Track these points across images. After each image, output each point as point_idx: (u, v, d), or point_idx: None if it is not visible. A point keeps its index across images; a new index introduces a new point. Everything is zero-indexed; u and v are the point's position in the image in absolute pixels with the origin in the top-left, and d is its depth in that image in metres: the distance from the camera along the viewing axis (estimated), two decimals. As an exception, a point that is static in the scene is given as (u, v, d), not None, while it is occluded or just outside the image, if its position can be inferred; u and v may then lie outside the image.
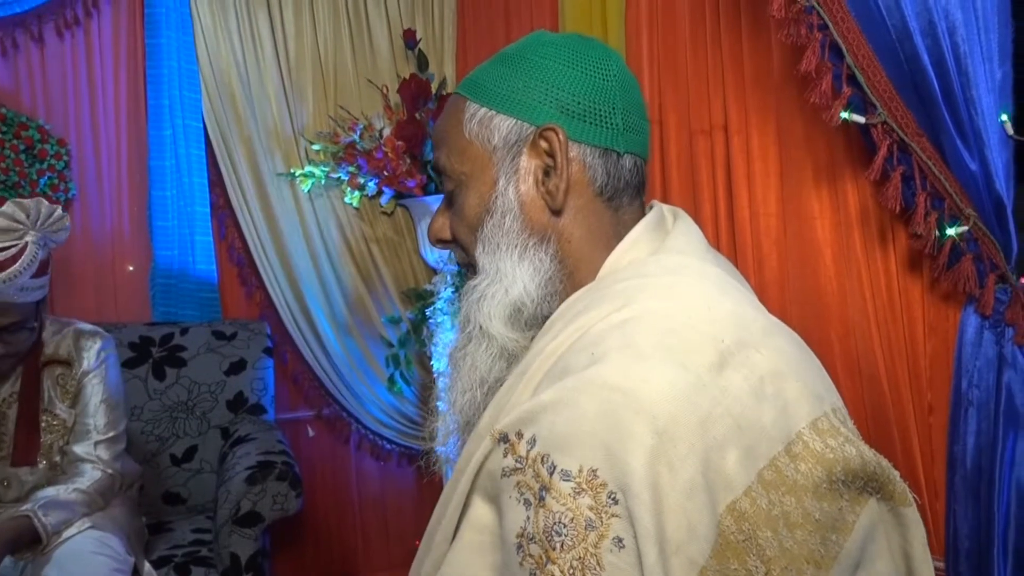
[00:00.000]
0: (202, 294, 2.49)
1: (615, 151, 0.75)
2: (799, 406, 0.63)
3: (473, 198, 0.76)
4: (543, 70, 0.74)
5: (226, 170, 2.49)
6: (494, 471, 0.61)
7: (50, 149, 2.36)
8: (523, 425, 0.60)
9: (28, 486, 1.75)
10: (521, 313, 0.74)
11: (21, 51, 2.37)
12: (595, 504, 0.56)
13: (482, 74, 0.78)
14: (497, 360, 0.74)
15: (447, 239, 0.81)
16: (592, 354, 0.62)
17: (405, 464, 2.77)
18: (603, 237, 0.75)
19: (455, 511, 0.64)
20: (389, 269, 2.64)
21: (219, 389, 2.33)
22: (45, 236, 1.65)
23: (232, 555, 1.82)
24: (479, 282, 0.75)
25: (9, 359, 1.68)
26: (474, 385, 0.75)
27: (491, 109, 0.75)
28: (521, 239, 0.74)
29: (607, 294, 0.69)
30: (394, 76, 2.58)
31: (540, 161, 0.74)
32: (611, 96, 0.74)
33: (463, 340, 0.77)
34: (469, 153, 0.76)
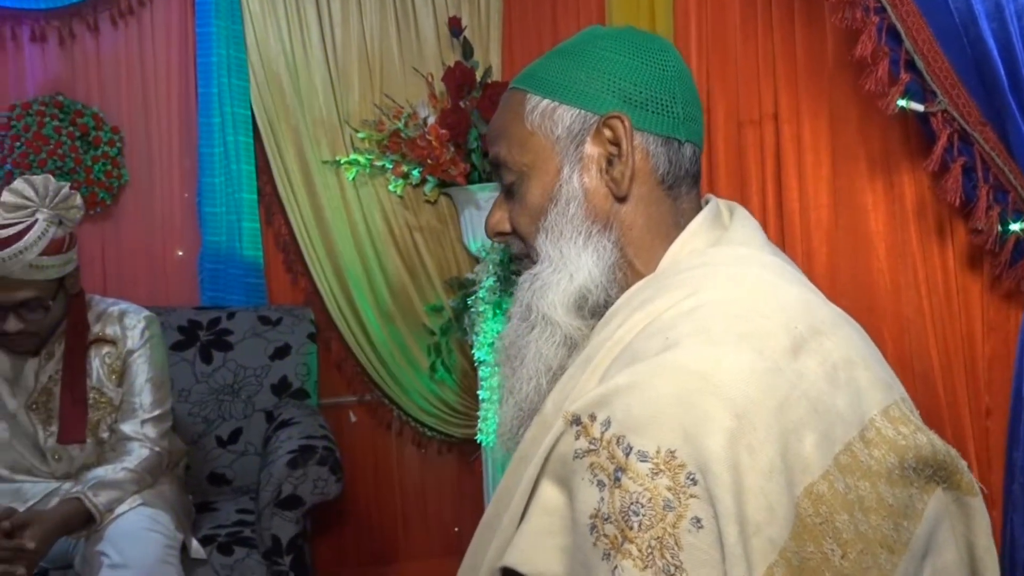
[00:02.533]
0: (249, 279, 2.53)
1: (676, 139, 0.75)
2: (871, 393, 0.65)
3: (536, 188, 0.77)
4: (604, 61, 0.75)
5: (273, 157, 2.52)
6: (565, 454, 0.62)
7: (104, 136, 2.42)
8: (596, 408, 0.61)
9: (77, 462, 1.80)
10: (586, 300, 0.75)
11: (78, 41, 2.43)
12: (673, 485, 0.57)
13: (541, 67, 0.79)
14: (561, 348, 0.75)
15: (506, 231, 0.82)
16: (666, 339, 0.63)
17: (446, 452, 2.78)
18: (663, 226, 0.76)
19: (523, 495, 0.65)
20: (432, 257, 2.64)
21: (264, 373, 2.37)
22: (58, 214, 1.65)
23: (273, 537, 1.85)
24: (540, 270, 0.76)
25: (30, 337, 1.70)
26: (539, 372, 0.76)
27: (553, 100, 0.76)
28: (585, 226, 0.75)
29: (673, 282, 0.70)
30: (439, 64, 2.57)
31: (604, 150, 0.75)
32: (671, 86, 0.76)
33: (524, 328, 0.77)
34: (531, 144, 0.77)
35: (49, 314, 1.68)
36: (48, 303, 1.67)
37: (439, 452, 2.77)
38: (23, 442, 1.77)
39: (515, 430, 0.78)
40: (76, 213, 1.70)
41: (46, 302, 1.66)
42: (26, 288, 1.62)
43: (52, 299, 1.68)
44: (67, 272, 1.71)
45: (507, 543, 0.65)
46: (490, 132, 0.83)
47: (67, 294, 1.74)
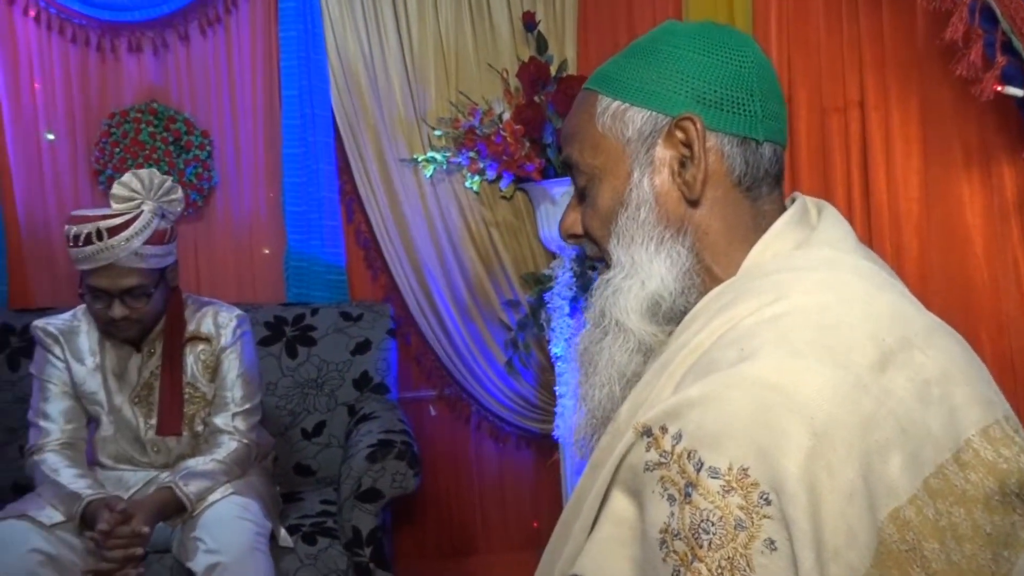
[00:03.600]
0: (331, 276, 2.61)
1: (754, 139, 0.72)
2: (968, 411, 0.61)
3: (607, 191, 0.76)
4: (677, 59, 0.73)
5: (353, 157, 2.58)
6: (636, 465, 0.61)
7: (195, 140, 2.53)
8: (668, 419, 0.60)
9: (175, 453, 1.90)
10: (659, 306, 0.73)
11: (170, 50, 2.54)
12: (746, 504, 0.55)
13: (613, 67, 0.77)
14: (635, 354, 0.74)
15: (579, 234, 0.80)
16: (742, 349, 0.61)
17: (523, 446, 2.79)
18: (742, 229, 0.73)
19: (594, 503, 0.64)
20: (508, 253, 2.65)
21: (346, 368, 2.43)
22: (160, 206, 1.76)
23: (354, 528, 1.90)
24: (613, 276, 0.75)
25: (133, 324, 1.79)
26: (612, 379, 0.74)
27: (624, 102, 0.74)
28: (657, 231, 0.73)
29: (754, 288, 0.67)
30: (514, 60, 2.57)
31: (676, 152, 0.73)
32: (748, 83, 0.73)
33: (598, 334, 0.76)
34: (602, 147, 0.75)
35: (151, 302, 1.78)
36: (151, 291, 1.77)
37: (517, 446, 2.79)
38: (126, 434, 1.88)
39: (588, 437, 0.77)
40: (177, 205, 1.81)
41: (149, 290, 1.76)
42: (131, 276, 1.72)
43: (154, 288, 1.78)
44: (168, 264, 1.81)
45: (578, 550, 0.65)
46: (563, 133, 0.81)
47: (167, 286, 1.84)
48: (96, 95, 2.52)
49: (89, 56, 2.51)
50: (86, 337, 1.87)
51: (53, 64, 2.49)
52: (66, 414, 1.84)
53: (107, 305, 1.74)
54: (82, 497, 1.69)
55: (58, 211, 2.50)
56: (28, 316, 2.32)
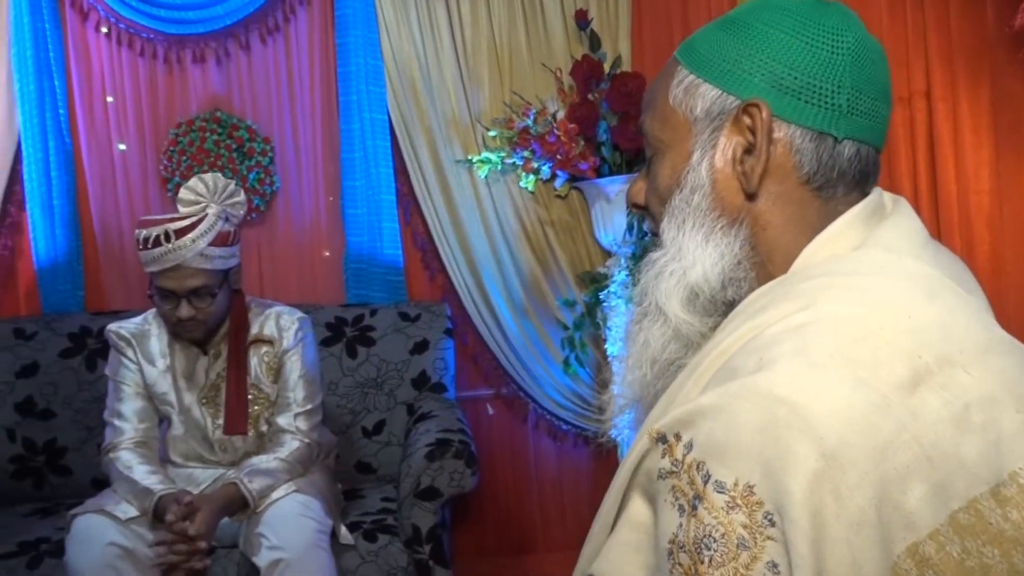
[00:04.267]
0: (389, 277, 2.65)
1: (831, 135, 0.66)
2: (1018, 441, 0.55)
3: (666, 168, 0.72)
4: (762, 38, 0.67)
5: (409, 159, 2.61)
6: (651, 471, 0.59)
7: (257, 147, 2.60)
8: (681, 427, 0.57)
9: (241, 452, 1.96)
10: (697, 298, 0.69)
11: (232, 59, 2.62)
12: (749, 523, 0.52)
13: (700, 37, 0.72)
14: (671, 341, 0.70)
15: (641, 204, 0.77)
16: (761, 359, 0.57)
17: (581, 445, 2.79)
18: (805, 228, 0.67)
19: (613, 504, 0.64)
20: (564, 252, 2.65)
21: (404, 368, 2.47)
22: (224, 209, 1.83)
23: (413, 526, 1.93)
24: (660, 256, 0.72)
25: (199, 324, 1.85)
26: (644, 363, 0.72)
27: (699, 76, 0.69)
28: (709, 219, 0.69)
29: (791, 292, 0.63)
30: (568, 58, 2.56)
31: (742, 138, 0.67)
32: (838, 72, 0.66)
33: (639, 314, 0.74)
34: (671, 120, 0.71)
35: (215, 303, 1.84)
36: (215, 291, 1.83)
37: (575, 445, 2.78)
38: (195, 434, 1.95)
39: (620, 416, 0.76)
40: (240, 208, 1.87)
41: (213, 290, 1.82)
42: (197, 276, 1.79)
43: (219, 288, 1.84)
44: (231, 266, 1.87)
45: (598, 550, 0.64)
46: (644, 97, 0.77)
47: (230, 288, 1.90)
48: (163, 106, 2.61)
49: (156, 68, 2.60)
50: (157, 340, 1.94)
51: (123, 77, 2.59)
52: (139, 414, 1.91)
53: (174, 306, 1.81)
54: (154, 492, 1.76)
55: (130, 218, 2.60)
56: (103, 319, 2.42)
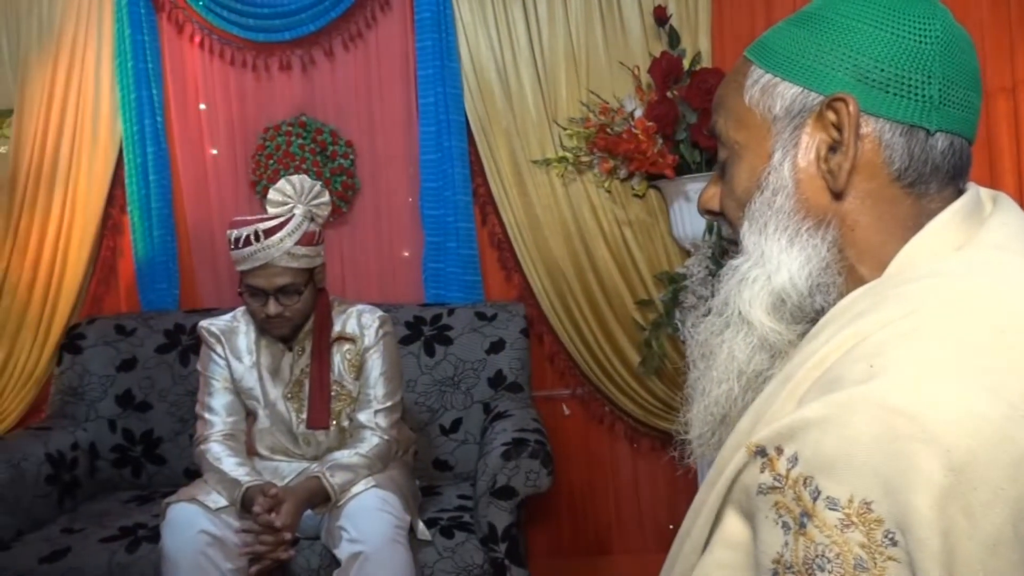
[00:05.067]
0: (466, 277, 2.67)
1: (923, 128, 0.63)
2: None
3: (744, 171, 0.70)
4: (842, 31, 0.64)
5: (486, 160, 2.63)
6: (749, 486, 0.56)
7: (340, 150, 2.67)
8: (783, 440, 0.54)
9: (324, 446, 2.01)
10: (784, 304, 0.67)
11: (316, 66, 2.70)
12: (867, 542, 0.49)
13: (772, 36, 0.70)
14: (757, 351, 0.68)
15: (715, 210, 0.75)
16: (871, 366, 0.54)
17: (659, 448, 2.74)
18: (898, 228, 0.64)
19: (706, 521, 0.61)
20: (641, 251, 2.62)
21: (481, 367, 2.49)
22: (310, 209, 1.89)
23: (489, 524, 1.94)
24: (741, 263, 0.69)
25: (285, 321, 1.91)
26: (731, 376, 0.69)
27: (776, 75, 0.67)
28: (793, 221, 0.66)
29: (894, 295, 0.59)
30: (646, 56, 2.53)
31: (826, 135, 0.65)
32: (927, 62, 0.63)
33: (720, 324, 0.71)
34: (747, 121, 0.69)
35: (301, 300, 1.90)
36: (301, 289, 1.89)
37: (652, 448, 2.74)
38: (280, 427, 2.01)
39: (707, 435, 0.73)
40: (325, 209, 1.93)
41: (300, 288, 1.89)
42: (284, 275, 1.85)
43: (304, 286, 1.90)
44: (316, 265, 1.93)
45: (689, 570, 0.62)
46: (715, 99, 0.75)
47: (315, 287, 1.96)
48: (252, 112, 2.71)
49: (246, 76, 2.71)
50: (244, 337, 2.02)
51: (215, 85, 2.71)
52: (228, 408, 1.99)
53: (263, 303, 1.88)
54: (241, 484, 1.82)
55: (220, 219, 2.72)
56: (196, 316, 2.54)
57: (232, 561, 1.78)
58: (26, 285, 2.63)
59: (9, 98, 2.63)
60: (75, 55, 2.61)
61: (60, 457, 2.32)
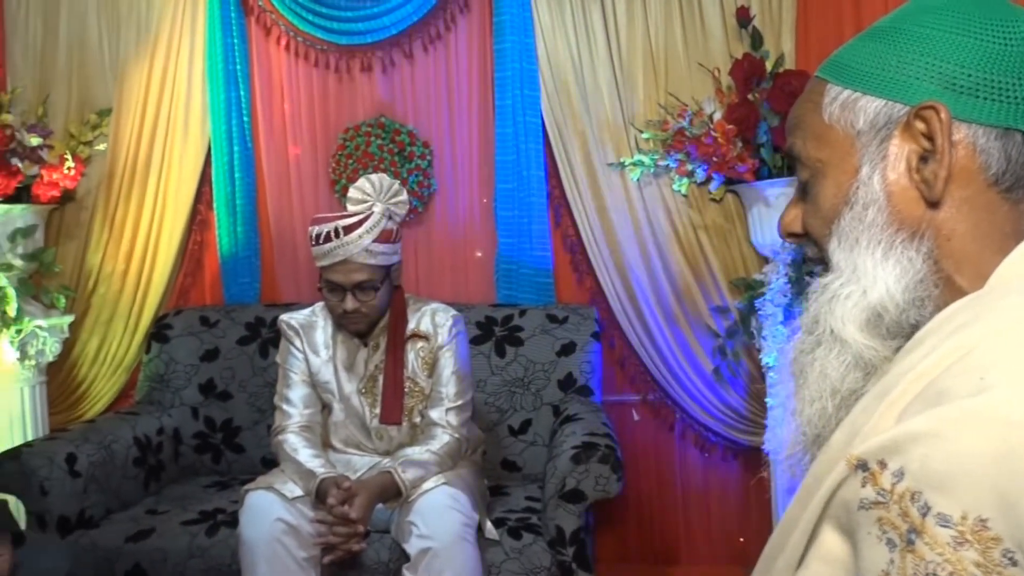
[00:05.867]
0: (538, 279, 2.68)
1: (1018, 131, 0.62)
2: None
3: (830, 188, 0.69)
4: (923, 40, 0.64)
5: (561, 162, 2.63)
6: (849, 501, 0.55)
7: (417, 151, 2.71)
8: (887, 454, 0.53)
9: (395, 441, 2.04)
10: (881, 319, 0.65)
11: (396, 68, 2.75)
12: (983, 561, 0.48)
13: (846, 52, 0.70)
14: (851, 369, 0.66)
15: (798, 232, 0.74)
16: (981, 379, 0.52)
17: (730, 458, 2.69)
18: (996, 236, 0.63)
19: (801, 537, 0.59)
20: (717, 257, 2.57)
21: (551, 369, 2.48)
22: (388, 207, 1.92)
23: (557, 527, 1.94)
24: (831, 280, 0.68)
25: (362, 317, 1.95)
26: (824, 395, 0.67)
27: (856, 90, 0.67)
28: (886, 234, 0.65)
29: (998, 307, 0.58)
30: (726, 58, 2.49)
31: (915, 145, 0.64)
32: (1014, 64, 0.62)
33: (811, 343, 0.70)
34: (828, 139, 0.69)
35: (377, 297, 1.94)
36: (378, 286, 1.93)
37: (723, 457, 2.69)
38: (354, 421, 2.05)
39: (800, 455, 0.71)
40: (402, 207, 1.97)
41: (376, 284, 1.93)
42: (362, 271, 1.89)
43: (381, 283, 1.94)
44: (393, 262, 1.97)
45: None
46: (788, 122, 0.75)
47: (391, 284, 1.99)
48: (333, 112, 2.78)
49: (328, 78, 2.78)
50: (322, 331, 2.07)
51: (299, 86, 2.79)
52: (305, 400, 2.04)
53: (340, 298, 1.92)
54: (317, 475, 1.87)
55: (300, 217, 2.79)
56: (275, 310, 2.62)
57: (306, 550, 1.83)
58: (119, 275, 2.77)
59: (109, 98, 2.77)
60: (169, 57, 2.73)
61: (147, 441, 2.42)
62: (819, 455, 0.63)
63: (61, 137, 2.74)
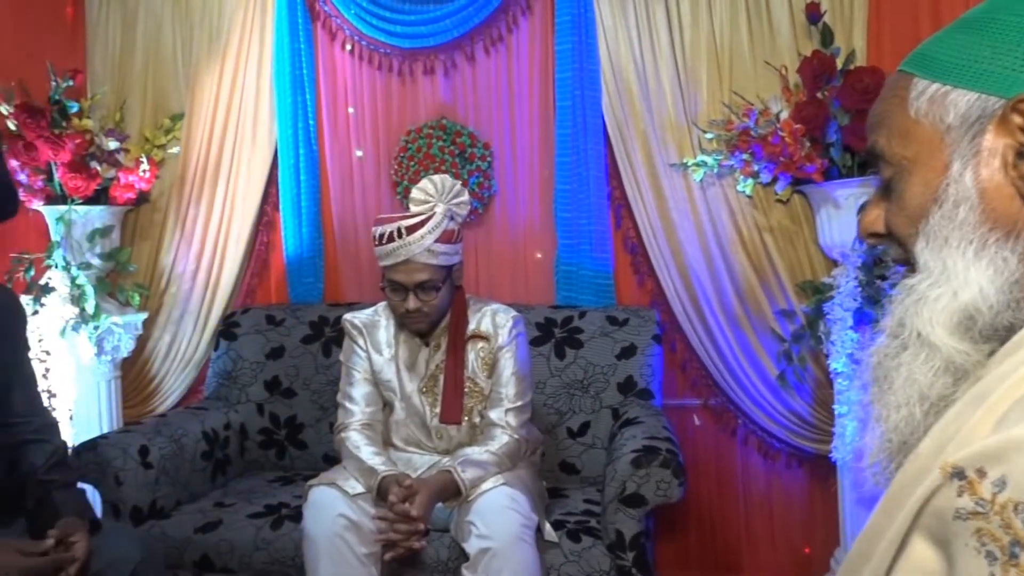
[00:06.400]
0: (598, 281, 2.66)
1: None
2: None
3: (917, 186, 0.67)
4: (1019, 30, 0.62)
5: (622, 163, 2.60)
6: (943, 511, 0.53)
7: (478, 152, 2.73)
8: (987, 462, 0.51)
9: (455, 441, 2.05)
10: (974, 321, 0.63)
11: (458, 70, 2.77)
12: None
13: (934, 45, 0.68)
14: (941, 375, 0.64)
15: (881, 232, 0.72)
16: None
17: (795, 466, 2.62)
18: None
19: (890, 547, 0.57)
20: (783, 260, 2.51)
21: (611, 371, 2.46)
22: (450, 208, 1.94)
23: (617, 531, 1.92)
24: (918, 281, 0.66)
25: (424, 317, 1.97)
26: (911, 400, 0.65)
27: (945, 84, 0.65)
28: (979, 233, 0.63)
29: None
30: (795, 55, 2.43)
31: (1011, 140, 0.62)
32: None
33: (896, 347, 0.67)
34: (915, 135, 0.67)
35: (439, 296, 1.96)
36: (439, 286, 1.95)
37: (787, 465, 2.62)
38: (414, 420, 2.07)
39: (884, 463, 0.68)
40: (464, 208, 1.99)
41: (438, 284, 1.94)
42: (424, 271, 1.92)
43: (442, 283, 1.96)
44: (454, 263, 1.98)
45: None
46: (869, 119, 0.73)
47: (452, 285, 2.01)
48: (396, 115, 2.82)
49: (392, 81, 2.81)
50: (384, 331, 2.09)
51: (363, 89, 2.83)
52: (367, 398, 2.07)
53: (403, 298, 1.94)
54: (378, 472, 1.89)
55: (363, 218, 2.84)
56: (338, 309, 2.66)
57: (367, 546, 1.85)
58: (190, 274, 2.85)
59: (181, 103, 2.86)
60: (239, 63, 2.81)
61: (214, 435, 2.49)
62: (906, 463, 0.61)
63: (137, 141, 2.84)
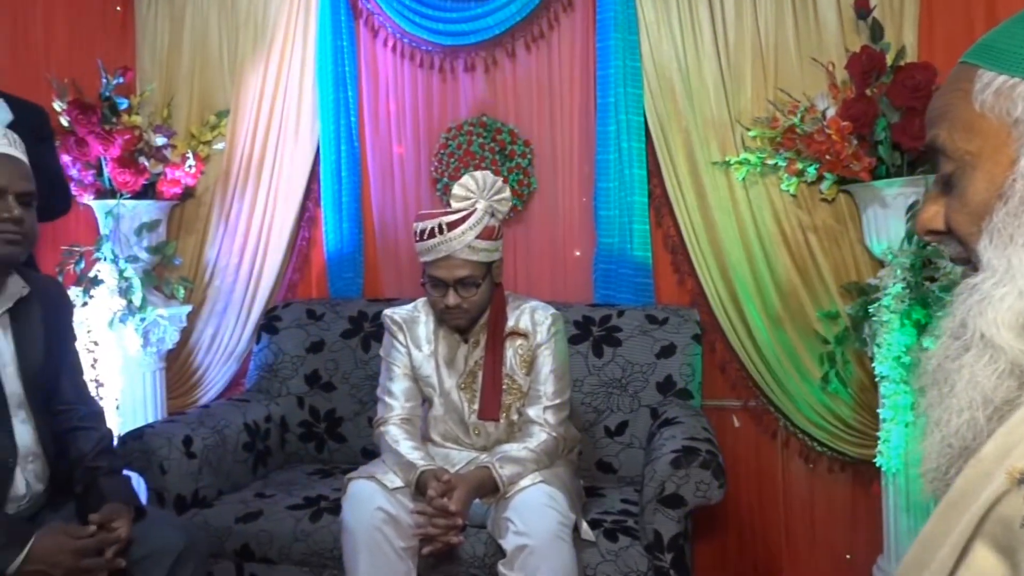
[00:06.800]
0: (638, 279, 2.63)
1: None
2: None
3: (981, 181, 0.65)
4: None
5: (663, 161, 2.58)
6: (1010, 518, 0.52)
7: (518, 149, 2.72)
8: None
9: (493, 438, 2.06)
10: None
11: (499, 67, 2.77)
12: None
13: (1001, 36, 0.66)
14: (1005, 377, 0.62)
15: (939, 230, 0.70)
16: None
17: (837, 470, 2.57)
18: None
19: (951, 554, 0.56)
20: (827, 260, 2.46)
21: (650, 371, 2.44)
22: (491, 204, 1.94)
23: (655, 532, 1.90)
24: (981, 281, 0.64)
25: (463, 313, 1.97)
26: (974, 404, 0.63)
27: (1013, 76, 0.63)
28: None
29: None
30: (842, 51, 2.37)
31: None
32: None
33: (957, 349, 0.66)
34: (979, 128, 0.65)
35: (479, 293, 1.96)
36: (479, 282, 1.95)
37: (829, 470, 2.57)
38: (453, 416, 2.08)
39: (943, 469, 0.66)
40: (505, 205, 1.99)
41: (478, 281, 1.95)
42: (464, 267, 1.92)
43: (482, 279, 1.96)
44: (494, 259, 1.98)
45: None
46: (929, 113, 0.71)
47: (492, 281, 2.01)
48: (437, 112, 2.83)
49: (432, 78, 2.82)
50: (424, 327, 2.10)
51: (404, 86, 2.85)
52: (406, 393, 2.08)
53: (443, 294, 1.95)
54: (417, 467, 1.90)
55: (403, 215, 2.85)
56: (378, 305, 2.68)
57: (405, 540, 1.86)
58: (233, 268, 2.90)
59: (227, 99, 2.90)
60: (283, 60, 2.84)
61: (256, 427, 2.53)
62: (967, 468, 0.59)
63: (183, 137, 2.89)
